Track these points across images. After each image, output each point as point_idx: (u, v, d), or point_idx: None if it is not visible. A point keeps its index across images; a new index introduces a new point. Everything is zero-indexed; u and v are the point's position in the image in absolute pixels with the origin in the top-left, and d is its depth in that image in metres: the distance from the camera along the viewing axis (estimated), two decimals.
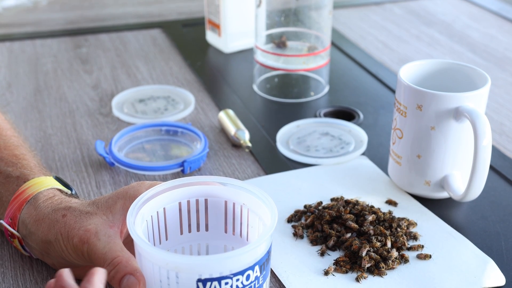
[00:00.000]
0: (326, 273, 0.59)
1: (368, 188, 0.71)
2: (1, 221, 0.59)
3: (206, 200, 0.54)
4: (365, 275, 0.58)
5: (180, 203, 0.54)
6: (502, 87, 0.97)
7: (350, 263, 0.60)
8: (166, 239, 0.54)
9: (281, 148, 0.79)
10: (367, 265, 0.59)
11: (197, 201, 0.54)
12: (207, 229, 0.56)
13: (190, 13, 1.27)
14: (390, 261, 0.59)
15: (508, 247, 0.63)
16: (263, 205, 0.51)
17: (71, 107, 0.91)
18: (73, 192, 0.63)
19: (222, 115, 0.84)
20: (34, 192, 0.58)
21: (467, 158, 0.66)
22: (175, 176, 0.74)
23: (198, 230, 0.55)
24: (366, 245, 0.60)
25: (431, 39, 1.16)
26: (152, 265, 0.47)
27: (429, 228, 0.65)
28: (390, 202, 0.69)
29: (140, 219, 0.50)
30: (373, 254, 0.60)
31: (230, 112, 0.84)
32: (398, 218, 0.65)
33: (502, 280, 0.58)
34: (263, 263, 0.48)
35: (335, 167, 0.75)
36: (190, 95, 0.92)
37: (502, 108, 0.91)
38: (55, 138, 0.83)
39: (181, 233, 0.55)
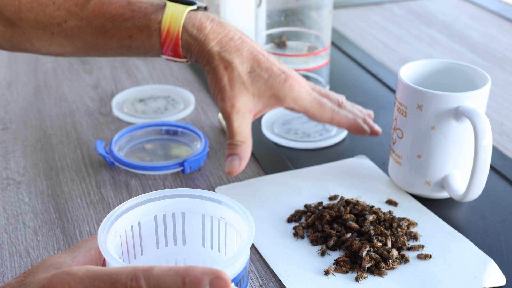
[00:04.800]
0: (327, 273, 0.59)
1: (368, 188, 0.71)
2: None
3: (183, 214, 0.53)
4: (365, 275, 0.58)
5: (155, 217, 0.52)
6: (502, 87, 0.97)
7: (350, 263, 0.60)
8: (142, 253, 0.53)
9: (265, 130, 0.82)
10: (368, 265, 0.59)
11: (173, 214, 0.53)
12: (184, 243, 0.54)
13: None
14: (390, 261, 0.59)
15: (508, 247, 0.63)
16: (241, 219, 0.49)
17: (71, 107, 0.91)
18: (199, 5, 0.68)
19: None
20: (179, 28, 0.66)
21: (467, 158, 0.66)
22: (175, 176, 0.74)
23: (175, 244, 0.54)
24: (367, 245, 0.60)
25: (431, 39, 1.16)
26: None
27: (430, 228, 0.65)
28: (390, 202, 0.69)
29: (113, 234, 0.48)
30: (373, 254, 0.60)
31: None
32: (399, 218, 0.65)
33: (502, 280, 0.58)
34: (240, 280, 0.46)
35: (335, 167, 0.75)
36: (190, 95, 0.92)
37: (502, 108, 0.91)
38: (55, 137, 0.83)
39: (157, 247, 0.54)
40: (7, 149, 0.80)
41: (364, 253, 0.60)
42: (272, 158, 0.78)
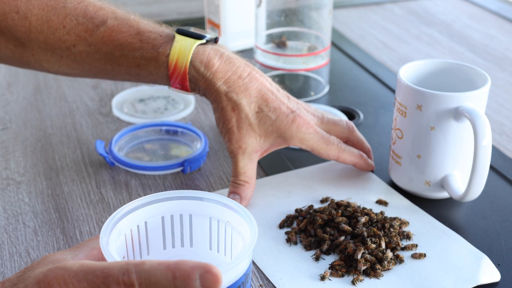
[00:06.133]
0: (323, 278, 0.58)
1: (357, 188, 0.71)
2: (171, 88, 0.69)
3: (190, 216, 0.53)
4: (361, 277, 0.58)
5: (163, 218, 0.52)
6: (502, 87, 0.97)
7: (345, 266, 0.59)
8: (148, 254, 0.53)
9: None
10: (363, 268, 0.59)
11: (180, 216, 0.53)
12: (191, 246, 0.54)
13: (190, 13, 1.28)
14: (385, 262, 0.59)
15: (508, 247, 0.63)
16: (245, 223, 0.49)
17: (71, 106, 0.91)
18: (208, 38, 0.68)
19: None
20: (186, 64, 0.66)
21: (467, 158, 0.66)
22: (175, 176, 0.74)
23: (182, 246, 0.54)
24: (361, 248, 0.60)
25: (431, 39, 1.16)
26: None
27: (422, 226, 0.65)
28: (380, 202, 0.69)
29: (117, 234, 0.49)
30: (368, 256, 0.59)
31: None
32: (390, 218, 0.65)
33: (497, 276, 0.58)
34: (238, 286, 0.46)
35: (322, 169, 0.75)
36: (190, 95, 0.92)
37: (502, 108, 0.91)
38: (55, 137, 0.83)
39: (164, 248, 0.54)
40: (7, 149, 0.80)
41: (359, 256, 0.59)
42: (272, 158, 0.77)
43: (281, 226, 0.65)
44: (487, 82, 0.66)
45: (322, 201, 0.69)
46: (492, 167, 0.75)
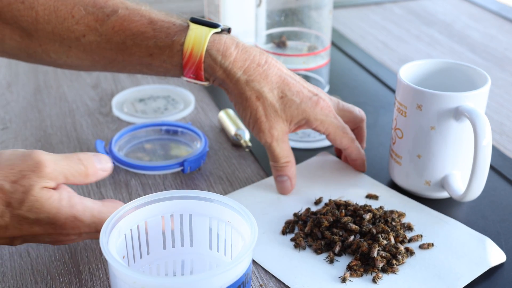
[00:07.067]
0: (344, 280, 0.57)
1: (344, 185, 0.71)
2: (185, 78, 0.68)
3: (190, 215, 0.53)
4: (380, 275, 0.58)
5: (163, 217, 0.52)
6: (502, 87, 0.97)
7: (363, 265, 0.59)
8: (148, 253, 0.53)
9: None
10: (381, 265, 0.59)
11: (181, 216, 0.53)
12: (191, 245, 0.54)
13: (190, 13, 1.27)
14: (400, 257, 0.59)
15: (508, 247, 0.63)
16: (245, 223, 0.49)
17: (71, 106, 0.91)
18: (222, 27, 0.67)
19: (222, 114, 0.84)
20: (202, 52, 0.65)
21: (467, 158, 0.66)
22: (175, 175, 0.74)
23: (182, 245, 0.54)
24: (375, 245, 0.60)
25: (431, 39, 1.16)
26: (124, 284, 0.46)
27: (418, 216, 0.66)
28: (371, 196, 0.69)
29: (117, 233, 0.49)
30: (383, 252, 0.59)
31: (230, 111, 0.84)
32: (390, 211, 0.65)
33: (503, 257, 0.60)
34: (238, 286, 0.46)
35: (303, 169, 0.74)
36: (190, 95, 0.92)
37: (502, 108, 0.91)
38: (55, 137, 0.83)
39: (164, 248, 0.54)
40: (7, 149, 0.80)
41: (375, 254, 0.59)
42: None
43: (284, 232, 0.64)
44: (487, 82, 0.66)
45: (316, 203, 0.69)
46: (492, 167, 0.75)
